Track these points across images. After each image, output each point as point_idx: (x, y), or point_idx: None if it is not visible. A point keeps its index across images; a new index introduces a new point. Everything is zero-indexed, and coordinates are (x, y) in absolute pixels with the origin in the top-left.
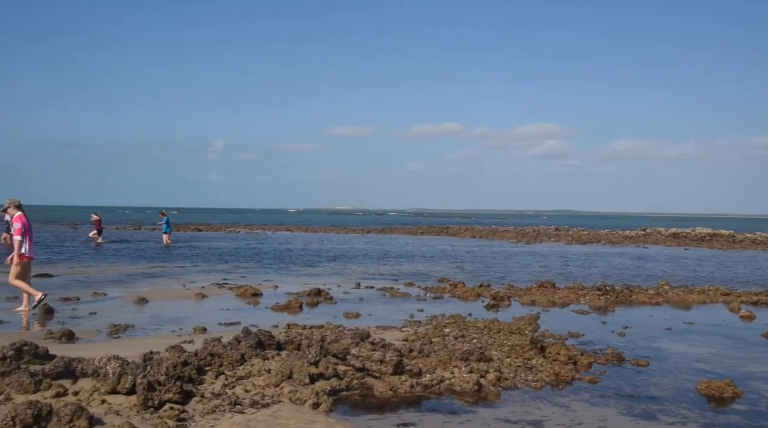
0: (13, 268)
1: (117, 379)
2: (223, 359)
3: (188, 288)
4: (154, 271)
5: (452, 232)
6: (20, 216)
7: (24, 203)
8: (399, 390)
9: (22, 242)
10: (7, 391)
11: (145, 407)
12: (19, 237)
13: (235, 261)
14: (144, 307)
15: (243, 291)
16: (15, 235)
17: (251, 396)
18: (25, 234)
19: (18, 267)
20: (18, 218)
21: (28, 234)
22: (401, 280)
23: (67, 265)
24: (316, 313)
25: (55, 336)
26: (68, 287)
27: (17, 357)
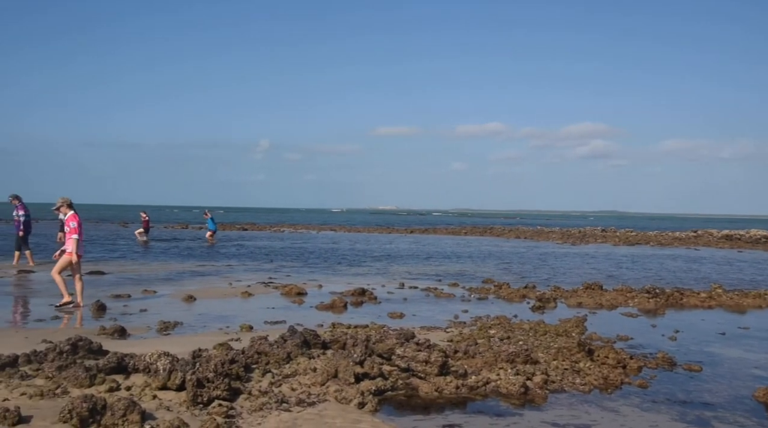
0: (61, 264)
1: (167, 375)
2: (270, 357)
3: (235, 287)
4: (202, 269)
5: (496, 232)
6: (74, 215)
7: (78, 202)
8: (444, 391)
9: (76, 242)
10: (64, 385)
11: (194, 403)
12: (76, 236)
13: (281, 260)
14: (192, 305)
15: (288, 290)
16: (72, 234)
17: (297, 395)
18: (79, 233)
19: (66, 264)
20: (72, 217)
21: (80, 233)
22: (445, 280)
23: (118, 263)
24: (360, 313)
25: (107, 331)
26: (120, 285)
27: (73, 351)
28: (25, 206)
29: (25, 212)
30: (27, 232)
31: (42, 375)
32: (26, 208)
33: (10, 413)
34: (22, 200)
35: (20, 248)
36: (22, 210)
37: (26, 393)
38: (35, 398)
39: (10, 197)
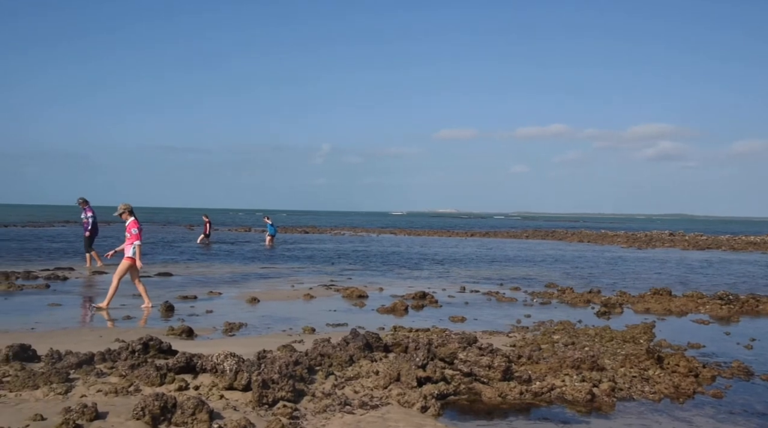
0: (121, 269)
1: (234, 376)
2: (333, 359)
3: (297, 289)
4: (265, 272)
5: (558, 236)
6: (134, 221)
7: (146, 206)
8: (508, 396)
9: (139, 247)
10: (136, 383)
11: (260, 404)
12: (138, 242)
13: (342, 263)
14: (256, 307)
15: (349, 293)
16: (134, 240)
17: (360, 397)
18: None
19: (125, 268)
20: (133, 224)
21: (139, 238)
22: (507, 284)
23: (185, 265)
24: (421, 316)
25: (175, 332)
26: (187, 286)
27: (144, 351)
28: (92, 208)
29: (93, 214)
30: (94, 234)
31: (116, 373)
32: (93, 210)
33: (88, 409)
34: (89, 203)
35: (87, 247)
36: (90, 212)
37: (102, 390)
38: (110, 395)
39: (79, 200)
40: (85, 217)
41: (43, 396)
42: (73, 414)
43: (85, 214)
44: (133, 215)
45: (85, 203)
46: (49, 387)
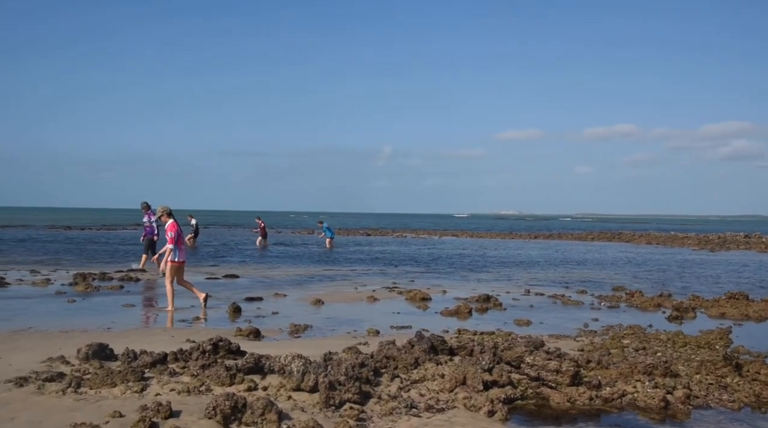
0: (169, 273)
1: (301, 377)
2: (398, 362)
3: (360, 291)
4: (328, 274)
5: (626, 238)
6: (173, 224)
7: (211, 209)
8: (577, 401)
9: (174, 250)
10: (207, 382)
11: (327, 405)
12: (171, 246)
13: (404, 266)
14: (320, 308)
15: (413, 295)
16: (168, 243)
17: (426, 400)
18: (177, 241)
19: (171, 273)
20: (171, 227)
21: (179, 241)
22: (572, 288)
23: (250, 267)
24: (485, 319)
25: (243, 333)
26: (252, 288)
27: (214, 351)
28: (153, 213)
29: (155, 219)
30: (157, 236)
31: (188, 373)
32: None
33: (163, 407)
34: (151, 208)
35: (154, 251)
36: (153, 216)
37: (175, 389)
38: (183, 394)
39: (142, 205)
40: (148, 222)
41: (121, 394)
42: (149, 412)
43: (148, 218)
44: (172, 218)
45: (147, 208)
46: (126, 385)
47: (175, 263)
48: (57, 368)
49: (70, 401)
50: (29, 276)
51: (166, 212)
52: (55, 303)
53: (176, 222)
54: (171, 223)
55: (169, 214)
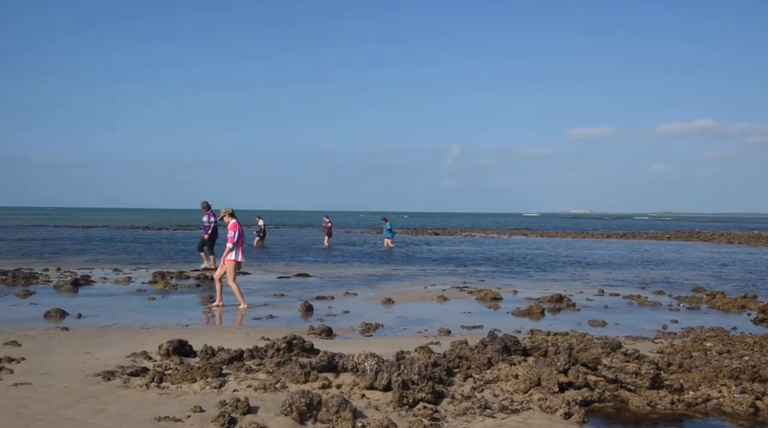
0: (229, 272)
1: (374, 376)
2: (471, 362)
3: (430, 291)
4: (397, 273)
5: (705, 237)
6: (234, 224)
7: (281, 210)
8: (658, 405)
9: (234, 249)
10: (282, 380)
11: (400, 404)
12: (230, 245)
13: (474, 265)
14: (391, 308)
15: (483, 295)
16: (228, 243)
17: (500, 401)
18: (237, 241)
19: (225, 269)
20: (232, 226)
21: (240, 241)
22: (649, 288)
23: (321, 266)
24: (558, 320)
25: (316, 331)
26: (323, 287)
27: (288, 349)
28: (214, 213)
29: (215, 218)
30: (214, 237)
31: (263, 370)
32: (215, 214)
33: (241, 403)
34: (211, 207)
35: (207, 250)
36: (213, 217)
37: (251, 386)
38: (259, 390)
39: (202, 204)
40: (208, 221)
41: (200, 389)
42: (228, 408)
43: (208, 218)
44: (235, 218)
45: (207, 207)
46: (205, 380)
47: (234, 262)
48: (140, 363)
49: (154, 395)
50: (112, 275)
51: (229, 213)
52: (137, 301)
53: (238, 222)
54: (233, 223)
55: (231, 214)
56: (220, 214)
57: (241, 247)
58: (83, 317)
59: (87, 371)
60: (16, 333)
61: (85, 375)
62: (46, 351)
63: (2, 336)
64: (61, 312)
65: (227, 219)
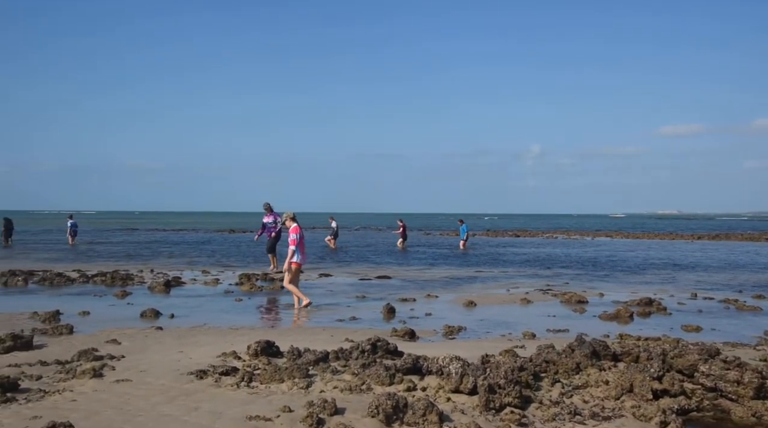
0: (290, 274)
1: (459, 379)
2: (558, 366)
3: (513, 293)
4: (478, 275)
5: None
6: (295, 228)
7: (360, 211)
8: (764, 417)
9: (296, 252)
10: (367, 381)
11: (486, 408)
12: (293, 247)
13: (557, 267)
14: (473, 310)
15: (568, 298)
16: (290, 245)
17: (590, 407)
18: (299, 244)
19: (290, 274)
20: (293, 230)
21: (301, 244)
22: (747, 292)
23: (400, 268)
24: (649, 324)
25: (399, 333)
26: (404, 289)
27: (373, 351)
28: (275, 214)
29: (277, 219)
30: (277, 238)
31: (349, 371)
32: (277, 215)
33: (329, 404)
34: (273, 209)
35: (274, 251)
36: (277, 217)
37: (337, 387)
38: (345, 392)
39: (264, 205)
40: (273, 222)
41: (288, 389)
42: (316, 408)
43: (274, 219)
44: (296, 222)
45: (270, 209)
46: (293, 381)
47: (296, 264)
48: (230, 362)
49: (244, 394)
50: (201, 276)
51: (290, 217)
52: (225, 302)
53: (299, 226)
54: (294, 226)
55: (293, 218)
56: (282, 218)
57: (301, 250)
58: (176, 317)
59: (181, 369)
60: (116, 331)
61: (179, 373)
62: (143, 350)
63: (104, 334)
64: (155, 312)
65: (289, 223)
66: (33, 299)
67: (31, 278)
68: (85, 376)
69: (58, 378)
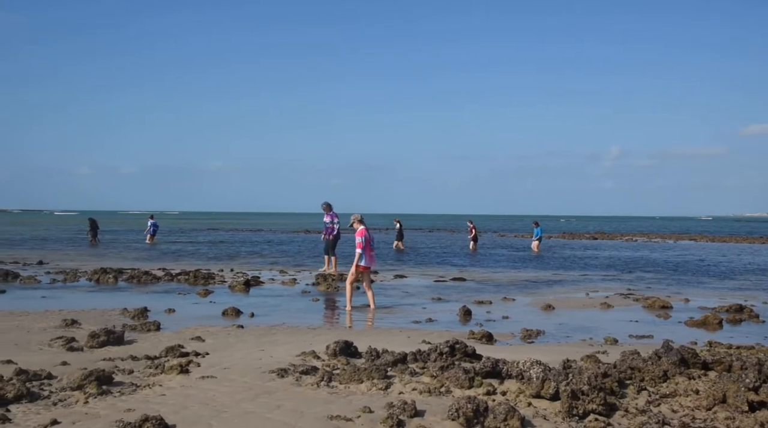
0: (352, 274)
1: (541, 384)
2: (644, 374)
3: (592, 297)
4: (555, 278)
5: None
6: (361, 231)
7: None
8: None
9: (362, 255)
10: (446, 384)
11: (569, 415)
12: (359, 250)
13: (638, 271)
14: (551, 314)
15: (651, 303)
16: (356, 248)
17: (680, 417)
18: (365, 247)
19: (353, 275)
20: (360, 233)
21: (367, 247)
22: None
23: (475, 271)
24: (739, 332)
25: (476, 336)
26: (480, 292)
27: (451, 353)
28: (333, 214)
29: (334, 220)
30: (336, 239)
31: (427, 374)
32: (335, 216)
33: (408, 406)
34: (332, 208)
35: (330, 251)
36: (335, 217)
37: (416, 389)
38: (424, 394)
39: (323, 205)
40: (331, 222)
41: (367, 390)
42: (396, 410)
43: (331, 219)
44: (363, 225)
45: (328, 208)
46: (371, 382)
47: (361, 267)
48: (310, 362)
49: (324, 394)
50: (279, 276)
51: (357, 220)
52: (302, 301)
53: (366, 229)
54: (360, 229)
55: (360, 221)
56: (350, 222)
57: (367, 252)
58: (255, 316)
59: (263, 367)
60: (200, 329)
61: (261, 371)
62: (226, 347)
63: (188, 332)
64: (236, 311)
65: (356, 225)
66: (122, 296)
67: (120, 276)
68: (172, 372)
69: (148, 372)
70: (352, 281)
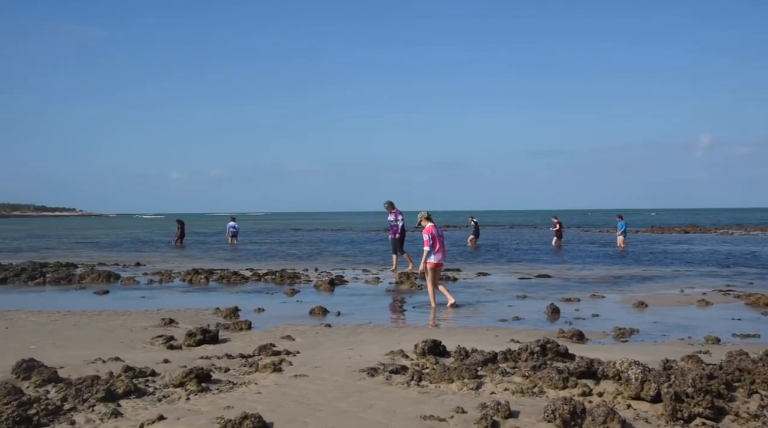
0: (427, 275)
1: (640, 385)
2: (755, 376)
3: (687, 294)
4: (645, 274)
5: None
6: (429, 228)
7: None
8: None
9: (430, 252)
10: (539, 384)
11: (673, 418)
12: (427, 248)
13: (738, 266)
14: (644, 311)
15: (755, 300)
16: (425, 246)
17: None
18: (433, 244)
19: (429, 273)
20: (427, 230)
21: (436, 244)
22: None
23: (560, 267)
24: None
25: (566, 335)
26: (567, 289)
27: (542, 353)
28: (397, 211)
29: (398, 217)
30: (403, 236)
31: (519, 373)
32: (399, 213)
33: (502, 407)
34: (395, 206)
35: (399, 250)
36: (400, 215)
37: (508, 389)
38: (516, 394)
39: (385, 204)
40: (395, 220)
41: (458, 390)
42: (489, 410)
43: (395, 217)
44: (431, 222)
45: (391, 207)
46: (462, 381)
47: (430, 264)
48: (399, 361)
49: (415, 393)
50: (362, 275)
51: (425, 217)
52: (386, 300)
53: (434, 225)
54: (428, 226)
55: (427, 218)
56: (418, 219)
57: (436, 249)
58: (342, 315)
59: (353, 366)
60: (289, 328)
61: (351, 370)
62: (315, 346)
63: (278, 330)
64: (323, 310)
65: (424, 223)
66: (214, 295)
67: (211, 277)
68: (266, 370)
69: (243, 371)
70: (431, 278)
